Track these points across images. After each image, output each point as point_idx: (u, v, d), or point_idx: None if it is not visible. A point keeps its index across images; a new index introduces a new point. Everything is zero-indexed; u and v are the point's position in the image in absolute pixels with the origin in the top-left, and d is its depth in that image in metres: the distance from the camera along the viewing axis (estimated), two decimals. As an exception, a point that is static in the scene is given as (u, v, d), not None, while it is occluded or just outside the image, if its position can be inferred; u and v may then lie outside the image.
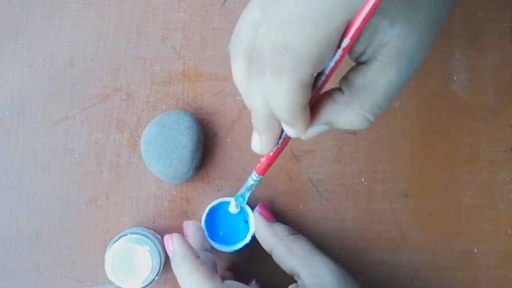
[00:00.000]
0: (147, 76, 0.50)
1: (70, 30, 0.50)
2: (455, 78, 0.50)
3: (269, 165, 0.39)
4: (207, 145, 0.49)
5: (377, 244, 0.49)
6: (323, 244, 0.49)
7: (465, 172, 0.50)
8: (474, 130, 0.50)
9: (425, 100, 0.50)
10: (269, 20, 0.29)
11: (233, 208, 0.46)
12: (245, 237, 0.47)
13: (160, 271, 0.45)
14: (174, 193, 0.49)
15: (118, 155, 0.49)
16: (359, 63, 0.31)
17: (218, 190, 0.49)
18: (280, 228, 0.45)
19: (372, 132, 0.50)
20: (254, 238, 0.46)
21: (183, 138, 0.46)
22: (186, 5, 0.51)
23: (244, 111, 0.50)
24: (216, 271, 0.42)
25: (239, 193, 0.45)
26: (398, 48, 0.29)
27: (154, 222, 0.49)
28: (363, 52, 0.30)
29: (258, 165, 0.40)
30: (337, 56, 0.28)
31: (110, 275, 0.43)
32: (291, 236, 0.44)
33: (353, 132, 0.50)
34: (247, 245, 0.47)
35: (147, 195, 0.49)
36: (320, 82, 0.30)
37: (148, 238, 0.45)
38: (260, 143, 0.34)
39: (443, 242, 0.49)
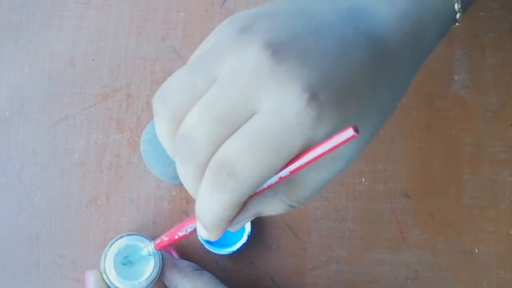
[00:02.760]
0: (147, 76, 0.50)
1: (70, 30, 0.50)
2: (456, 78, 0.50)
3: (169, 245, 0.38)
4: (207, 145, 0.49)
5: (377, 244, 0.49)
6: (323, 244, 0.49)
7: (466, 172, 0.50)
8: (475, 130, 0.50)
9: (425, 100, 0.50)
10: (206, 109, 0.25)
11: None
12: (241, 237, 0.47)
13: (160, 268, 0.44)
14: (174, 193, 0.49)
15: (118, 155, 0.49)
16: None
17: (218, 190, 0.49)
18: (184, 265, 0.45)
19: (373, 132, 0.50)
20: (250, 237, 0.46)
21: (183, 138, 0.46)
22: (186, 5, 0.51)
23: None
24: None
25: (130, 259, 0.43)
26: (333, 154, 0.26)
27: (154, 222, 0.49)
28: None
29: (158, 240, 0.38)
30: (272, 181, 0.27)
31: (112, 275, 0.43)
32: (195, 272, 0.44)
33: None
34: (244, 245, 0.46)
35: (147, 195, 0.49)
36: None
37: (146, 238, 0.44)
38: (210, 236, 0.30)
39: (443, 242, 0.49)
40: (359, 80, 0.26)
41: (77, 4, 0.50)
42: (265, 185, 0.27)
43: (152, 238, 0.48)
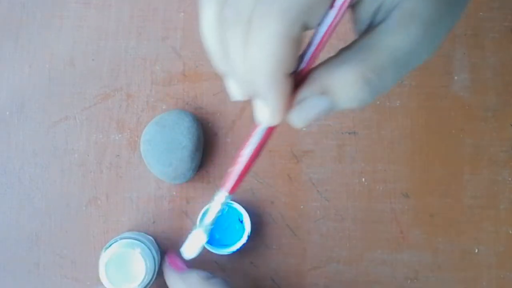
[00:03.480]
0: (147, 76, 0.50)
1: (70, 30, 0.50)
2: (456, 78, 0.50)
3: (242, 178, 0.30)
4: (207, 145, 0.49)
5: (377, 244, 0.49)
6: (323, 244, 0.49)
7: (466, 172, 0.50)
8: (475, 130, 0.50)
9: (425, 100, 0.50)
10: None
11: (193, 250, 0.37)
12: (241, 237, 0.47)
13: (156, 272, 0.45)
14: (174, 193, 0.49)
15: (118, 155, 0.49)
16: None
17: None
18: (192, 276, 0.43)
19: (372, 132, 0.50)
20: (250, 237, 0.46)
21: (183, 138, 0.46)
22: (186, 5, 0.51)
23: (244, 111, 0.50)
24: None
25: (207, 223, 0.34)
26: (409, 10, 0.24)
27: (154, 222, 0.49)
28: (370, 23, 0.25)
29: (225, 180, 0.31)
30: (329, 17, 0.23)
31: (106, 283, 0.43)
32: (205, 283, 0.42)
33: (353, 132, 0.50)
34: (244, 245, 0.46)
35: (147, 195, 0.49)
36: (309, 54, 0.25)
37: (139, 241, 0.44)
38: (271, 112, 0.25)
39: (443, 242, 0.49)
40: None
41: (77, 4, 0.50)
42: (323, 27, 0.23)
43: (152, 237, 0.48)
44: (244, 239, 0.46)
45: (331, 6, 0.23)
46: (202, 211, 0.47)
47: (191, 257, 0.35)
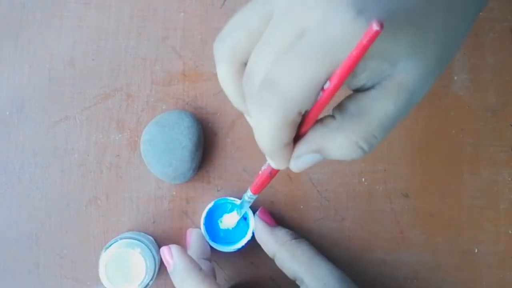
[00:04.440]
0: (147, 76, 0.50)
1: (70, 30, 0.50)
2: (455, 78, 0.50)
3: (262, 187, 0.38)
4: (207, 145, 0.49)
5: (377, 244, 0.49)
6: (323, 244, 0.49)
7: (466, 172, 0.50)
8: (475, 130, 0.50)
9: (425, 100, 0.50)
10: (264, 44, 0.27)
11: (233, 221, 0.47)
12: (245, 234, 0.47)
13: (156, 272, 0.45)
14: (174, 193, 0.49)
15: (118, 155, 0.49)
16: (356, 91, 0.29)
17: (218, 190, 0.49)
18: (282, 233, 0.45)
19: (372, 132, 0.50)
20: (251, 237, 0.46)
21: (183, 138, 0.46)
22: (186, 5, 0.51)
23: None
24: (216, 280, 0.42)
25: (242, 209, 0.45)
26: (399, 82, 0.27)
27: (154, 222, 0.49)
28: (362, 85, 0.28)
29: (253, 184, 0.39)
30: (322, 97, 0.26)
31: (106, 283, 0.43)
32: (293, 241, 0.44)
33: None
34: (248, 242, 0.46)
35: (147, 195, 0.49)
36: (306, 120, 0.29)
37: (139, 241, 0.44)
38: (276, 165, 0.31)
39: (443, 242, 0.49)
40: (409, 4, 0.26)
41: (77, 4, 0.50)
42: (318, 103, 0.26)
43: (152, 237, 0.48)
44: (248, 236, 0.46)
45: (322, 90, 0.26)
46: (205, 211, 0.47)
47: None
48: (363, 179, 0.49)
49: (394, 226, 0.49)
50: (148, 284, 0.44)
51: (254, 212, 0.47)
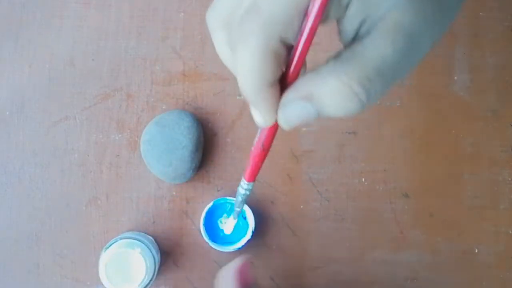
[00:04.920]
0: (147, 76, 0.50)
1: (70, 30, 0.50)
2: (456, 78, 0.50)
3: (256, 168, 0.34)
4: (207, 145, 0.49)
5: (377, 244, 0.49)
6: (323, 244, 0.49)
7: (466, 172, 0.50)
8: (475, 130, 0.50)
9: (425, 100, 0.50)
10: None
11: (230, 226, 0.46)
12: (245, 233, 0.47)
13: (156, 272, 0.45)
14: (174, 193, 0.49)
15: (118, 155, 0.49)
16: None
17: (218, 190, 0.49)
18: None
19: (372, 132, 0.50)
20: (255, 233, 0.46)
21: (183, 138, 0.46)
22: (186, 5, 0.51)
23: (244, 111, 0.50)
24: None
25: (236, 207, 0.40)
26: (394, 22, 0.24)
27: (154, 222, 0.49)
28: (355, 34, 0.26)
29: (247, 172, 0.35)
30: (306, 25, 0.24)
31: (106, 283, 0.43)
32: None
33: (353, 132, 0.50)
34: (249, 241, 0.46)
35: (147, 195, 0.49)
36: (293, 62, 0.26)
37: (139, 241, 0.44)
38: (262, 116, 0.27)
39: (443, 242, 0.49)
40: None
41: (77, 4, 0.50)
42: (302, 35, 0.24)
43: (152, 237, 0.48)
44: (248, 236, 0.46)
45: (306, 15, 0.24)
46: (204, 211, 0.47)
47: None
48: (363, 179, 0.49)
49: (394, 226, 0.49)
50: (148, 284, 0.44)
51: (253, 211, 0.47)
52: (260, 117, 0.27)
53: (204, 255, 0.49)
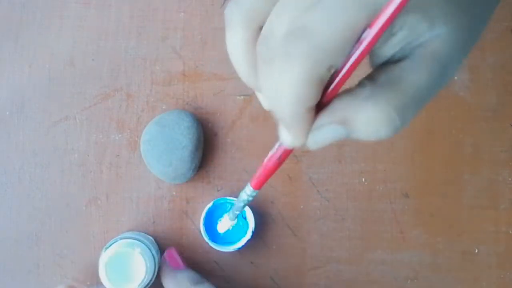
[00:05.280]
0: (147, 76, 0.50)
1: (70, 30, 0.50)
2: (456, 78, 0.50)
3: (266, 179, 0.33)
4: (207, 145, 0.49)
5: (377, 244, 0.49)
6: (323, 244, 0.49)
7: (466, 172, 0.50)
8: (475, 130, 0.50)
9: (425, 100, 0.50)
10: (286, 2, 0.24)
11: (225, 226, 0.44)
12: (245, 233, 0.47)
13: (156, 272, 0.45)
14: (174, 193, 0.49)
15: (118, 155, 0.49)
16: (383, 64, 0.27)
17: (218, 190, 0.49)
18: (183, 277, 0.44)
19: (373, 132, 0.50)
20: (255, 233, 0.46)
21: (183, 138, 0.46)
22: (186, 5, 0.51)
23: (244, 111, 0.50)
24: None
25: (235, 210, 0.39)
26: (433, 51, 0.25)
27: (154, 222, 0.49)
28: (391, 56, 0.26)
29: (254, 180, 0.34)
30: (356, 51, 0.23)
31: (106, 283, 0.43)
32: (193, 286, 0.43)
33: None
34: (248, 242, 0.46)
35: (147, 195, 0.49)
36: (333, 84, 0.25)
37: (139, 241, 0.44)
38: (292, 137, 0.26)
39: (443, 242, 0.49)
40: None
41: (77, 4, 0.50)
42: (349, 60, 0.24)
43: (152, 237, 0.48)
44: (248, 235, 0.46)
45: (358, 41, 0.23)
46: (204, 211, 0.47)
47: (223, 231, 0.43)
48: (363, 179, 0.49)
49: (394, 226, 0.49)
50: (148, 284, 0.44)
51: (253, 211, 0.47)
52: (289, 138, 0.26)
53: (204, 255, 0.49)
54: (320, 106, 0.26)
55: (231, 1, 0.26)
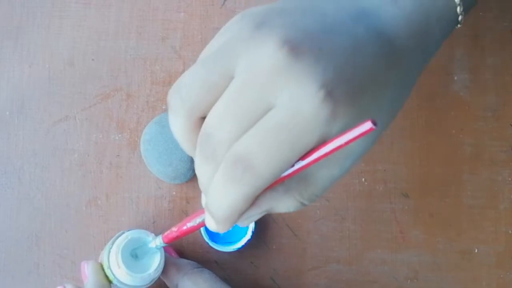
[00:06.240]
0: (147, 76, 0.50)
1: (70, 30, 0.50)
2: (455, 78, 0.50)
3: (178, 237, 0.37)
4: (207, 145, 0.49)
5: (377, 244, 0.49)
6: (323, 244, 0.49)
7: (466, 172, 0.50)
8: (475, 130, 0.50)
9: (425, 100, 0.50)
10: (227, 108, 0.26)
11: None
12: (245, 233, 0.47)
13: (163, 266, 0.44)
14: (174, 193, 0.49)
15: (118, 155, 0.49)
16: None
17: (218, 190, 0.49)
18: (184, 263, 0.45)
19: (372, 132, 0.50)
20: (255, 233, 0.46)
21: (183, 138, 0.46)
22: (186, 5, 0.51)
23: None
24: None
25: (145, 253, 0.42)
26: (347, 150, 0.27)
27: (154, 222, 0.49)
28: None
29: (167, 232, 0.38)
30: (286, 173, 0.27)
31: (122, 273, 0.41)
32: (195, 270, 0.44)
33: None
34: (248, 242, 0.46)
35: (147, 195, 0.49)
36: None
37: (147, 233, 0.44)
38: (219, 227, 0.29)
39: (443, 242, 0.49)
40: (372, 76, 0.27)
41: (77, 4, 0.50)
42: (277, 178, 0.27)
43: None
44: (248, 235, 0.46)
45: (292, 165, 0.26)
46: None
47: None
48: (363, 179, 0.49)
49: (394, 226, 0.49)
50: (161, 269, 0.42)
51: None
52: (215, 227, 0.29)
53: (204, 255, 0.49)
54: None
55: (173, 87, 0.28)
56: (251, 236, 0.46)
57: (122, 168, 0.49)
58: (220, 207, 0.27)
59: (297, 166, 0.26)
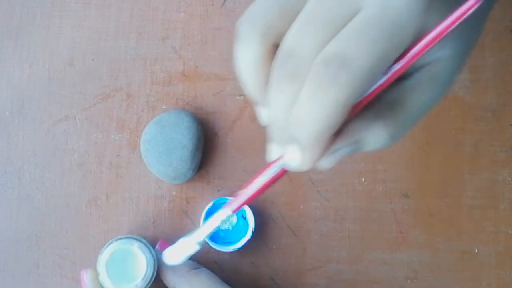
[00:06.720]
0: (147, 76, 0.50)
1: (70, 30, 0.50)
2: (455, 77, 0.50)
3: (250, 200, 0.31)
4: (207, 145, 0.49)
5: (377, 244, 0.49)
6: (323, 244, 0.49)
7: (466, 172, 0.50)
8: (475, 130, 0.50)
9: (425, 100, 0.50)
10: (309, 21, 0.24)
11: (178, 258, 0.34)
12: (245, 233, 0.47)
13: (156, 268, 0.44)
14: (174, 193, 0.49)
15: (118, 155, 0.49)
16: None
17: (218, 190, 0.49)
18: (181, 264, 0.45)
19: (372, 132, 0.50)
20: (255, 233, 0.46)
21: (183, 138, 0.46)
22: (186, 5, 0.51)
23: (244, 111, 0.50)
24: None
25: (203, 238, 0.32)
26: (434, 73, 0.26)
27: (154, 222, 0.49)
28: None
29: (235, 201, 0.30)
30: (383, 80, 0.25)
31: (108, 284, 0.43)
32: (192, 271, 0.44)
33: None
34: (249, 241, 0.46)
35: (147, 195, 0.49)
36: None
37: (134, 239, 0.44)
38: (307, 161, 0.26)
39: (443, 242, 0.49)
40: None
41: (77, 4, 0.50)
42: (374, 87, 0.25)
43: (152, 239, 0.48)
44: (248, 236, 0.46)
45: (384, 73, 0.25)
46: (204, 211, 0.47)
47: (173, 263, 0.33)
48: (363, 179, 0.49)
49: (394, 226, 0.49)
50: (150, 280, 0.43)
51: (253, 211, 0.47)
52: (299, 161, 0.26)
53: (204, 255, 0.48)
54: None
55: (244, 16, 0.26)
56: (251, 236, 0.46)
57: (122, 168, 0.49)
58: (310, 123, 0.24)
59: (393, 69, 0.24)
